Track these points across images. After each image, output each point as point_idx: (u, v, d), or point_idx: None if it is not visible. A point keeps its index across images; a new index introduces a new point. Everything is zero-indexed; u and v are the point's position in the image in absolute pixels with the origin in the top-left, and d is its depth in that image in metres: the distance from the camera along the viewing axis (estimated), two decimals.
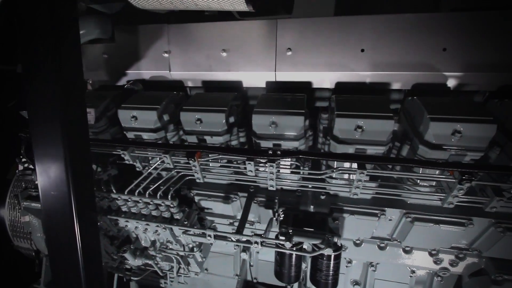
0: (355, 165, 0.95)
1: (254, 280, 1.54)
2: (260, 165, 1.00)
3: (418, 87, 1.11)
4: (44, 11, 0.78)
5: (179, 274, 1.37)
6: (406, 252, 1.18)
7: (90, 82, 1.62)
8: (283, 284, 1.52)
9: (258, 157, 0.95)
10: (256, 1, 0.89)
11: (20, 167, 1.34)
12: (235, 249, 1.51)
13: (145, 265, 1.40)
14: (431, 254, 1.16)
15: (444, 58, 1.04)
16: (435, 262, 1.17)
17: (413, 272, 1.29)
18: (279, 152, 0.93)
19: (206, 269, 1.62)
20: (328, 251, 0.91)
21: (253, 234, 0.98)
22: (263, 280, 1.55)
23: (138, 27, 1.33)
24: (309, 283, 1.45)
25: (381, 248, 1.20)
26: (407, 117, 1.05)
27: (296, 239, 0.96)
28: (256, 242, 0.96)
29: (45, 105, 0.88)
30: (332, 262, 0.97)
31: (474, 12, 0.99)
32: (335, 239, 0.95)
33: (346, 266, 1.37)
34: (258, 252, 1.53)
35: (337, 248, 0.93)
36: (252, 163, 0.97)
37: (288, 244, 0.92)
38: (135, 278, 1.46)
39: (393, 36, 1.06)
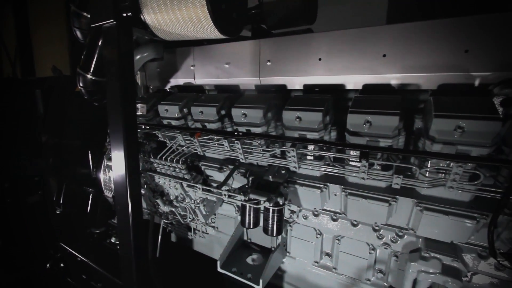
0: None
1: (248, 240, 1.95)
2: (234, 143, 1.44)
3: (367, 87, 1.34)
4: (114, 50, 1.42)
5: (193, 223, 1.92)
6: (353, 225, 1.40)
7: (151, 87, 2.35)
8: (269, 246, 1.90)
9: (229, 136, 1.39)
10: (228, 32, 1.34)
11: (108, 140, 2.14)
12: (235, 213, 1.97)
13: (172, 213, 2.01)
14: (374, 230, 1.35)
15: (384, 62, 1.25)
16: (378, 237, 1.35)
17: (372, 249, 1.48)
18: (241, 134, 1.35)
19: (217, 227, 2.13)
20: (266, 204, 1.27)
21: (224, 189, 1.43)
22: (256, 241, 1.95)
23: (176, 49, 1.95)
24: (289, 248, 1.79)
25: (334, 220, 1.45)
26: None
27: (252, 196, 1.35)
28: (224, 195, 1.40)
29: (115, 102, 1.52)
30: (277, 215, 1.32)
31: (410, 23, 1.18)
32: (278, 199, 1.30)
33: (316, 237, 1.64)
34: None
35: (276, 204, 1.28)
36: (226, 141, 1.42)
37: (242, 197, 1.32)
38: (166, 220, 2.08)
39: (343, 47, 1.33)
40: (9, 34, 5.10)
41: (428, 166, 1.08)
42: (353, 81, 1.36)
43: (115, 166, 1.51)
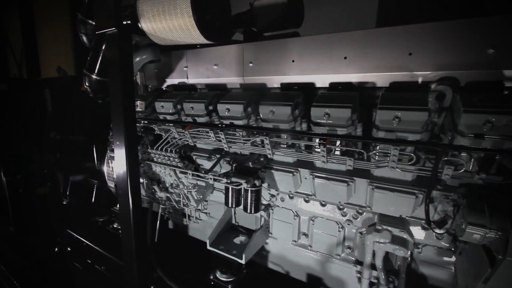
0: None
1: (236, 223, 2.17)
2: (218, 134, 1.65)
3: (333, 85, 1.54)
4: (116, 54, 1.64)
5: (187, 209, 2.14)
6: (322, 205, 1.61)
7: (150, 86, 2.58)
8: (254, 228, 2.11)
9: (214, 128, 1.61)
10: (213, 38, 1.55)
11: (110, 134, 2.37)
12: None
13: (168, 199, 2.23)
14: (339, 208, 1.56)
15: (345, 64, 1.46)
16: (342, 215, 1.56)
17: (341, 228, 1.68)
18: (224, 125, 1.56)
19: (209, 213, 2.34)
20: (245, 185, 1.48)
21: (210, 174, 1.64)
22: (242, 225, 2.17)
23: (171, 52, 2.17)
24: (271, 229, 2.00)
25: (306, 201, 1.66)
26: None
27: (233, 179, 1.57)
28: (210, 178, 1.62)
29: (116, 99, 1.74)
30: (254, 194, 1.53)
31: (365, 30, 1.39)
32: (255, 181, 1.51)
33: (294, 219, 1.85)
34: None
35: (253, 186, 1.49)
36: (212, 132, 1.63)
37: (225, 180, 1.54)
38: (163, 206, 2.30)
39: (312, 50, 1.53)
40: (15, 36, 5.35)
41: (377, 150, 1.28)
42: (321, 80, 1.56)
43: (117, 156, 1.74)
